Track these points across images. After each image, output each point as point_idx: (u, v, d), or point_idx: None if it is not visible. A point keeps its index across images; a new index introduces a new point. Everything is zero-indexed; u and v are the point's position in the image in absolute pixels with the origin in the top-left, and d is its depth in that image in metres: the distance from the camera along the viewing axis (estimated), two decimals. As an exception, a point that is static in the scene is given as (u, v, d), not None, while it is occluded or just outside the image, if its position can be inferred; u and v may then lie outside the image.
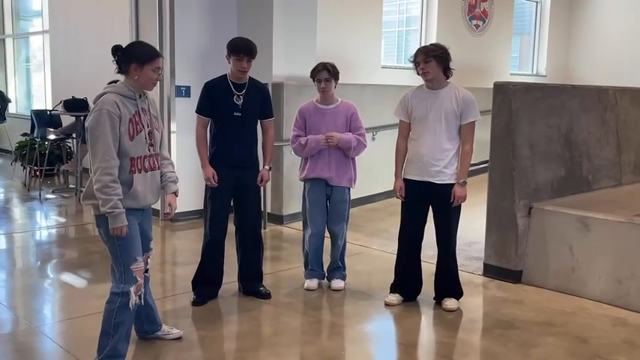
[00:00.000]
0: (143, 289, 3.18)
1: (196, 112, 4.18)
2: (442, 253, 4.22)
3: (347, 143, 4.33)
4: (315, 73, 4.37)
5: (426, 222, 4.20)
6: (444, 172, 4.01)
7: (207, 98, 4.14)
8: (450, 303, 4.21)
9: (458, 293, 4.28)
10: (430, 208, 4.15)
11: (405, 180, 4.13)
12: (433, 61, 3.93)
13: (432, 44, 4.10)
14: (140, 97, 3.11)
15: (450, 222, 4.14)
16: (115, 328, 3.09)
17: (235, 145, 4.10)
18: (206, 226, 4.19)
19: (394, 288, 4.31)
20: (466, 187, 4.03)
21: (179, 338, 3.52)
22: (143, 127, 3.08)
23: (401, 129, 4.18)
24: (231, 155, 4.10)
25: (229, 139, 4.10)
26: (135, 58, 3.07)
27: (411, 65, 4.12)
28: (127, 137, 3.00)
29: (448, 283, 4.26)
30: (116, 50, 3.10)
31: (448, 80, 4.04)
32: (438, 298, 4.28)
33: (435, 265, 4.30)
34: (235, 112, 4.07)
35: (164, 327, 3.48)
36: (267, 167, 4.23)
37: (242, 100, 4.08)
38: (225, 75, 4.14)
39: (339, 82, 4.46)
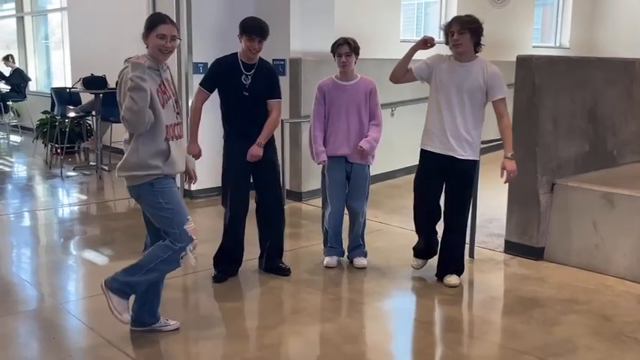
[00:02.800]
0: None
1: (200, 83, 4.16)
2: (451, 229, 4.16)
3: (372, 150, 4.32)
4: (335, 47, 4.31)
5: (440, 197, 4.15)
6: (465, 147, 3.95)
7: (214, 74, 4.13)
8: (452, 279, 4.16)
9: (460, 270, 4.24)
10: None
11: (423, 151, 4.08)
12: (468, 33, 3.84)
13: (467, 15, 3.94)
14: (162, 67, 3.15)
15: (465, 198, 4.09)
16: (151, 270, 3.14)
17: (247, 122, 4.08)
18: (226, 204, 4.19)
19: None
20: (514, 161, 3.93)
21: (177, 329, 3.44)
22: (170, 95, 3.16)
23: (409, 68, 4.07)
24: (245, 132, 4.07)
25: (241, 117, 4.08)
26: (145, 27, 3.13)
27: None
28: (160, 105, 3.06)
29: (452, 260, 4.21)
30: None
31: (476, 54, 3.94)
32: (441, 275, 4.22)
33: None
34: (244, 92, 4.04)
35: (161, 319, 3.43)
36: (257, 142, 4.06)
37: (250, 81, 4.04)
38: (236, 53, 4.10)
39: (358, 57, 4.39)
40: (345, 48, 4.26)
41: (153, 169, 3.08)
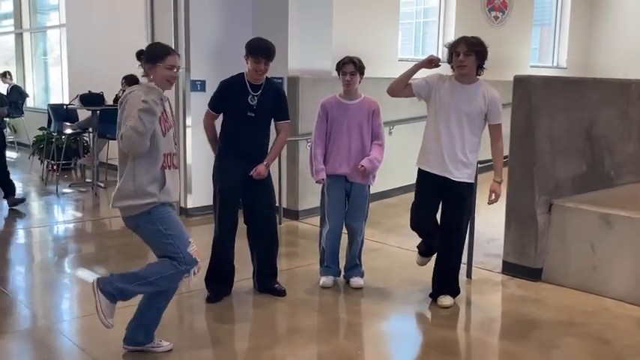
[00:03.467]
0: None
1: (208, 104, 4.19)
2: (448, 250, 4.12)
3: (374, 170, 4.31)
4: (340, 65, 4.31)
5: (436, 216, 4.13)
6: (462, 170, 3.93)
7: (222, 96, 4.11)
8: (445, 300, 4.12)
9: (455, 292, 4.20)
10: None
11: (420, 170, 4.05)
12: (473, 55, 3.82)
13: (474, 37, 3.90)
14: (162, 98, 3.14)
15: (461, 221, 4.06)
16: (148, 284, 3.10)
17: (245, 142, 4.05)
18: (215, 223, 4.16)
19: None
20: (501, 185, 3.97)
21: (170, 350, 3.36)
22: (171, 125, 3.18)
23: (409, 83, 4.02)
24: (240, 151, 4.05)
25: (240, 137, 4.06)
26: (148, 58, 3.13)
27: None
28: (161, 133, 3.08)
29: (447, 281, 4.17)
30: (139, 54, 3.19)
31: (477, 77, 3.93)
32: (435, 295, 4.18)
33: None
34: (249, 112, 4.03)
35: (155, 340, 3.36)
36: (264, 162, 4.08)
37: (256, 101, 4.03)
38: (243, 74, 4.09)
39: (363, 76, 4.38)
40: (350, 67, 4.26)
41: (150, 197, 3.05)
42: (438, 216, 4.14)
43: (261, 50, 3.97)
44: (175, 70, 3.15)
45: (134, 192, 3.04)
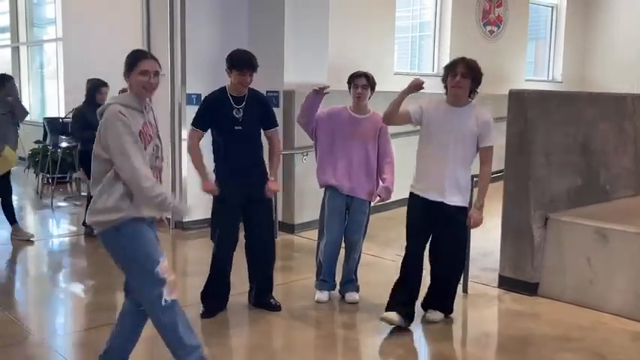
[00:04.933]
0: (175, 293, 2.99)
1: (192, 124, 4.07)
2: (446, 268, 4.03)
3: (390, 196, 4.31)
4: (352, 78, 4.32)
5: (424, 248, 4.04)
6: (456, 194, 3.85)
7: (206, 112, 4.05)
8: (435, 315, 4.08)
9: (450, 310, 4.15)
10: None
11: (413, 195, 3.98)
12: (469, 78, 3.76)
13: (473, 61, 3.83)
14: (145, 108, 2.98)
15: (458, 240, 4.00)
16: (174, 331, 2.97)
17: (238, 157, 4.02)
18: (214, 243, 4.12)
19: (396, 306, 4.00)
20: (482, 210, 3.87)
21: None
22: (151, 139, 2.96)
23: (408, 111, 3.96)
24: (235, 166, 4.03)
25: (231, 153, 4.02)
26: (125, 66, 2.96)
27: (423, 72, 4.01)
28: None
29: (445, 298, 4.12)
30: None
31: (469, 99, 3.87)
32: (426, 306, 4.13)
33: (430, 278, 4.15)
34: (236, 126, 4.00)
35: None
36: (272, 178, 4.10)
37: (242, 114, 4.01)
38: (225, 88, 4.06)
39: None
40: (363, 80, 4.27)
41: (118, 212, 2.83)
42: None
43: (245, 63, 3.95)
44: (152, 76, 2.93)
45: (104, 207, 2.85)
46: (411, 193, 3.99)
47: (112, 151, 2.81)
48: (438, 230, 3.95)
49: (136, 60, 2.95)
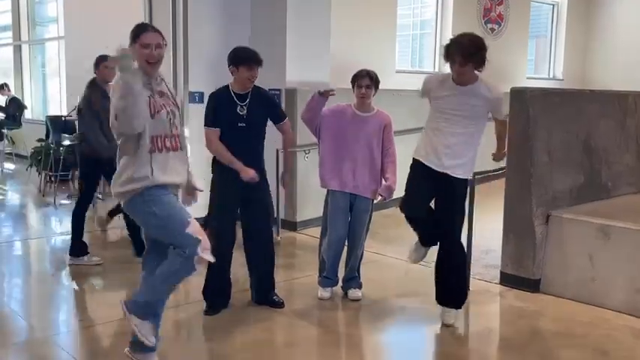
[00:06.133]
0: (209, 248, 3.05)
1: (205, 125, 4.05)
2: (447, 246, 3.97)
3: (392, 194, 4.32)
4: (356, 78, 4.33)
5: (431, 201, 3.99)
6: (460, 167, 3.84)
7: (217, 109, 4.06)
8: (447, 318, 4.00)
9: (461, 300, 4.05)
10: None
11: (415, 161, 3.96)
12: (473, 63, 3.66)
13: (470, 40, 3.66)
14: (156, 79, 3.05)
15: (455, 213, 3.94)
16: (164, 284, 3.03)
17: (239, 154, 4.00)
18: (212, 238, 4.12)
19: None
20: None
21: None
22: (163, 106, 3.02)
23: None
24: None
25: (233, 150, 4.01)
26: (129, 41, 3.03)
27: (424, 70, 4.01)
28: (148, 116, 2.95)
29: (452, 289, 4.02)
30: None
31: (477, 76, 3.78)
32: (439, 301, 4.06)
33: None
34: (240, 123, 4.01)
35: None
36: (286, 172, 4.20)
37: (246, 111, 4.02)
38: (228, 86, 4.08)
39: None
40: (367, 80, 4.28)
41: (139, 182, 2.95)
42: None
43: (252, 58, 3.98)
44: (153, 48, 2.98)
45: (128, 178, 2.96)
46: (414, 159, 3.98)
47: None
48: (440, 201, 3.94)
49: (137, 34, 3.01)
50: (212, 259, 3.04)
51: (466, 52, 3.62)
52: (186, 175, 3.24)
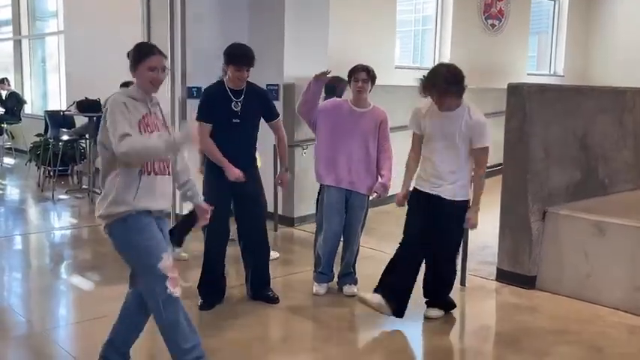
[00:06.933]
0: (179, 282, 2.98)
1: (196, 119, 4.03)
2: (438, 268, 4.03)
3: (387, 191, 4.35)
4: (353, 72, 4.32)
5: (423, 236, 3.98)
6: (453, 191, 3.84)
7: (210, 104, 4.07)
8: (432, 312, 4.09)
9: (447, 305, 4.14)
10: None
11: (414, 190, 3.98)
12: (451, 95, 3.70)
13: (446, 72, 3.69)
14: (151, 100, 3.01)
15: (453, 230, 3.96)
16: (175, 329, 2.96)
17: (232, 150, 4.00)
18: (205, 236, 4.13)
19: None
20: (478, 213, 3.87)
21: None
22: (156, 128, 2.97)
23: (413, 142, 4.06)
24: (232, 160, 3.99)
25: (226, 146, 4.01)
26: (131, 59, 2.99)
27: (425, 66, 4.00)
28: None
29: (440, 291, 4.11)
30: (128, 55, 3.06)
31: (460, 101, 3.80)
32: (426, 300, 4.14)
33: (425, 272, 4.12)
34: (234, 119, 4.01)
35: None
36: (284, 169, 4.17)
37: (240, 107, 4.02)
38: (223, 81, 4.08)
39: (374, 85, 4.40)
40: (363, 74, 4.27)
41: (124, 205, 2.87)
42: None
43: (242, 59, 3.95)
44: (160, 71, 2.96)
45: (112, 200, 2.87)
46: (413, 189, 4.00)
47: (109, 134, 2.81)
48: (436, 220, 3.92)
49: (144, 55, 2.96)
50: (178, 294, 2.95)
51: (441, 89, 3.68)
52: (171, 201, 3.17)
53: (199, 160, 4.46)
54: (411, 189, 4.02)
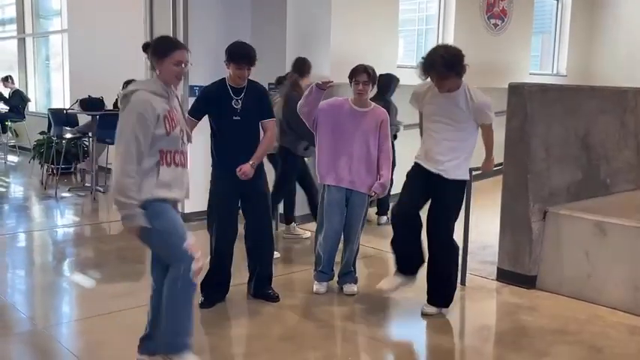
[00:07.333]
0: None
1: (188, 112, 4.03)
2: (435, 249, 4.04)
3: (385, 191, 4.42)
4: (354, 74, 4.32)
5: (424, 204, 4.05)
6: (452, 170, 3.90)
7: (203, 102, 4.10)
8: (428, 309, 4.11)
9: (446, 302, 4.12)
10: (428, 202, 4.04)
11: (415, 164, 4.05)
12: (451, 77, 3.75)
13: (442, 57, 3.72)
14: (170, 94, 3.06)
15: (445, 215, 3.98)
16: (175, 309, 3.00)
17: (237, 148, 4.03)
18: (212, 236, 4.15)
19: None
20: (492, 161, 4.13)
21: None
22: (177, 123, 3.04)
23: (420, 119, 4.19)
24: (232, 157, 4.02)
25: (229, 143, 4.05)
26: (155, 52, 3.04)
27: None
28: (165, 134, 2.96)
29: (440, 289, 4.11)
30: (146, 47, 3.11)
31: (460, 83, 3.85)
32: (427, 298, 4.16)
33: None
34: (234, 117, 4.03)
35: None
36: (250, 162, 4.00)
37: (240, 105, 4.03)
38: (224, 79, 4.09)
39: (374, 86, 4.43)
40: (364, 77, 4.27)
41: (143, 194, 2.93)
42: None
43: (243, 58, 3.97)
44: (183, 65, 3.03)
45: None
46: (414, 163, 4.08)
47: (119, 131, 2.90)
48: (433, 203, 4.02)
49: (171, 49, 3.02)
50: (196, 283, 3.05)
51: (441, 71, 3.72)
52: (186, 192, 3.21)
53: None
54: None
